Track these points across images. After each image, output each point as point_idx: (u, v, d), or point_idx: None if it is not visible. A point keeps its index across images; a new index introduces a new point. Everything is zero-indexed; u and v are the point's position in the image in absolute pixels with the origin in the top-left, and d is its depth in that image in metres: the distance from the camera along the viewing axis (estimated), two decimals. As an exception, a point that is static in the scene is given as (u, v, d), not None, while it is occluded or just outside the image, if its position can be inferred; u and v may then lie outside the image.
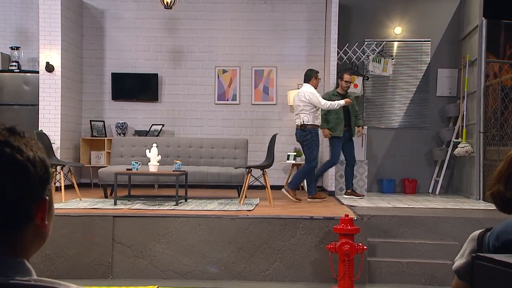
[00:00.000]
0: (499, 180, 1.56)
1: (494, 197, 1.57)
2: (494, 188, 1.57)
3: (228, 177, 6.77)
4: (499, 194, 1.55)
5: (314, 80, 6.90)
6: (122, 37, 8.99)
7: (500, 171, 1.57)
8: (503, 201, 1.55)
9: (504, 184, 1.55)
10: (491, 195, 1.58)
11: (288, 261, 5.05)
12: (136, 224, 5.12)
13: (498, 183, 1.56)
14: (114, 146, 7.39)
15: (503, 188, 1.54)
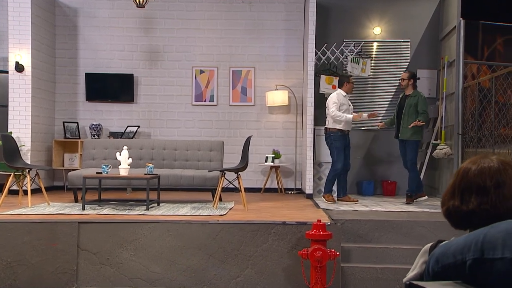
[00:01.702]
0: (454, 195, 1.44)
1: (450, 212, 1.45)
2: (450, 204, 1.45)
3: (203, 180, 6.61)
4: (455, 208, 1.43)
5: (347, 85, 7.03)
6: (96, 37, 8.78)
7: (453, 185, 1.45)
8: (458, 215, 1.43)
9: (459, 198, 1.43)
10: (446, 211, 1.46)
11: (260, 268, 4.90)
12: (103, 230, 4.93)
13: (452, 198, 1.44)
14: (86, 148, 7.19)
15: (459, 203, 1.42)
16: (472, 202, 1.40)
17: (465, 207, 1.41)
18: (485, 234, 1.03)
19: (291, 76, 8.73)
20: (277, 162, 8.47)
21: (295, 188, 8.67)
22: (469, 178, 1.44)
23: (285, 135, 8.77)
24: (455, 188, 1.45)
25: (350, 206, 6.56)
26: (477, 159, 1.46)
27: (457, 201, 1.43)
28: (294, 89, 8.69)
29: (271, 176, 8.67)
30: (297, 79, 8.70)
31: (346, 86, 7.03)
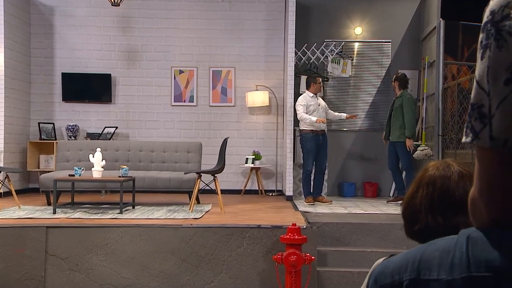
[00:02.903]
0: (433, 210, 1.30)
1: (427, 230, 1.31)
2: (426, 220, 1.31)
3: (179, 183, 6.47)
4: (438, 227, 1.29)
5: (314, 86, 7.00)
6: (73, 36, 8.60)
7: (430, 199, 1.32)
8: (434, 234, 1.29)
9: (441, 214, 1.30)
10: (420, 230, 1.32)
11: (234, 273, 4.78)
12: (72, 235, 4.78)
13: (431, 214, 1.30)
14: (60, 150, 7.01)
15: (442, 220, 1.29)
16: (458, 219, 1.27)
17: (440, 220, 1.29)
18: (423, 252, 0.92)
19: (271, 76, 8.63)
20: (258, 163, 8.36)
21: (276, 190, 8.57)
22: (451, 192, 1.31)
23: (265, 136, 8.67)
24: (433, 202, 1.32)
25: (329, 209, 6.47)
26: (445, 167, 1.34)
27: (440, 219, 1.30)
28: (274, 89, 8.59)
29: (252, 178, 8.56)
30: (278, 80, 8.60)
31: (313, 87, 7.02)
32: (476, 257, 0.81)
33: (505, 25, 0.80)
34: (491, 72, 0.81)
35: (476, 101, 0.83)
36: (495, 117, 0.80)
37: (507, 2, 0.82)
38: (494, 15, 0.83)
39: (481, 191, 0.83)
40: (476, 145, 0.82)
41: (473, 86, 0.85)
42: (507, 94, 0.79)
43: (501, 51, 0.80)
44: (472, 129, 0.82)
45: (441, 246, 0.89)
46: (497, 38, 0.81)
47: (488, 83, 0.81)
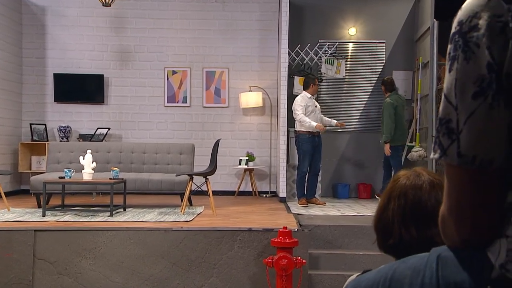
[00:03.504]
0: (405, 223, 1.24)
1: (402, 244, 1.25)
2: (399, 234, 1.25)
3: (171, 185, 6.41)
4: (412, 240, 1.22)
5: (313, 87, 6.99)
6: (65, 36, 8.53)
7: (402, 212, 1.26)
8: (408, 248, 1.24)
9: (415, 226, 1.24)
10: (394, 244, 1.27)
11: (225, 276, 4.73)
12: (61, 238, 4.72)
13: (404, 227, 1.25)
14: (51, 152, 6.95)
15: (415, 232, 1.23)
16: (432, 231, 1.20)
17: (420, 234, 1.24)
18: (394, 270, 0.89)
19: (265, 77, 8.58)
20: (251, 164, 8.31)
21: (270, 191, 8.52)
22: (423, 203, 1.26)
23: (259, 137, 8.61)
24: (405, 214, 1.26)
25: (322, 210, 6.42)
26: (415, 177, 1.29)
27: (413, 231, 1.24)
28: (268, 90, 8.54)
29: (245, 179, 8.50)
30: (272, 80, 8.55)
31: (311, 88, 6.97)
32: (446, 279, 0.78)
33: (472, 36, 0.77)
34: (459, 85, 0.77)
35: (444, 116, 0.79)
36: (463, 133, 0.76)
37: (475, 12, 0.78)
38: (462, 26, 0.79)
39: (451, 210, 0.79)
40: (444, 162, 0.79)
41: (441, 100, 0.81)
42: (475, 109, 0.75)
43: (468, 64, 0.77)
44: (440, 145, 0.78)
45: (412, 264, 0.86)
46: (465, 50, 0.77)
47: (456, 97, 0.78)
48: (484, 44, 0.76)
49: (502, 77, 0.75)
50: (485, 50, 0.76)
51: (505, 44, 0.75)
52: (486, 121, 0.75)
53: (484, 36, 0.76)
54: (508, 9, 0.76)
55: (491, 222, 0.76)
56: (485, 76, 0.76)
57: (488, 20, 0.76)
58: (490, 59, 0.75)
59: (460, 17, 0.81)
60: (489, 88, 0.75)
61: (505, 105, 0.75)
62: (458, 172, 0.77)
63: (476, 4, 0.79)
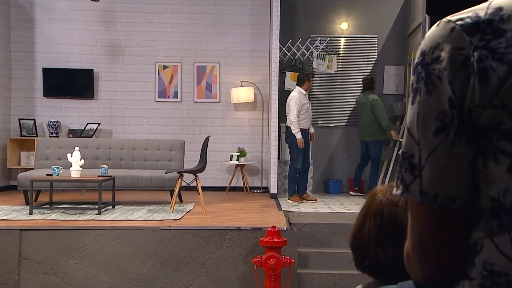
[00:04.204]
0: (381, 242, 1.20)
1: (378, 264, 1.21)
2: (376, 253, 1.21)
3: (161, 182, 6.36)
4: (388, 260, 1.18)
5: (307, 83, 6.96)
6: (54, 30, 8.42)
7: (378, 230, 1.22)
8: (384, 268, 1.20)
9: (392, 246, 1.20)
10: (370, 264, 1.22)
11: (213, 275, 4.70)
12: (47, 237, 4.67)
13: (380, 247, 1.20)
14: (39, 148, 6.87)
15: (392, 253, 1.18)
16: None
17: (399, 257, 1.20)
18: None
19: (257, 72, 8.51)
20: (243, 160, 8.26)
21: (261, 187, 8.48)
22: (399, 221, 1.21)
23: (251, 133, 8.56)
24: (382, 234, 1.21)
25: (313, 208, 6.39)
26: (392, 193, 1.24)
27: (390, 251, 1.19)
28: (260, 85, 8.47)
29: (237, 174, 8.46)
30: (263, 75, 8.48)
31: (306, 84, 6.91)
32: None
33: (435, 69, 0.73)
34: (421, 120, 0.74)
35: (407, 150, 0.76)
36: (425, 170, 0.72)
37: (437, 43, 0.74)
38: (425, 57, 0.75)
39: (414, 248, 0.75)
40: (407, 199, 0.75)
41: (404, 133, 0.77)
42: (437, 145, 0.72)
43: (430, 97, 0.73)
44: (403, 181, 0.75)
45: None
46: (427, 82, 0.74)
47: (418, 131, 0.74)
48: (446, 77, 0.73)
49: (464, 112, 0.71)
50: (446, 84, 0.72)
51: (466, 79, 0.71)
52: (448, 158, 0.72)
53: (446, 70, 0.73)
54: (470, 42, 0.72)
55: (454, 260, 0.73)
56: (447, 112, 0.72)
57: (450, 52, 0.73)
58: (451, 94, 0.72)
59: (423, 47, 0.77)
60: (451, 124, 0.72)
61: (467, 142, 0.72)
62: (421, 209, 0.74)
63: (438, 34, 0.75)
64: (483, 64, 0.70)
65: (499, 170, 0.69)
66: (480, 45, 0.71)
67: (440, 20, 0.78)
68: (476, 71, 0.70)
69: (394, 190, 0.78)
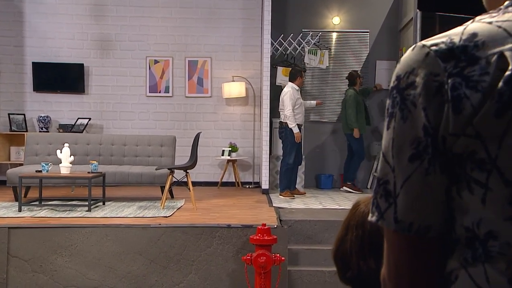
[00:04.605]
0: (364, 253, 1.19)
1: (360, 277, 1.19)
2: (358, 265, 1.19)
3: (151, 178, 6.33)
4: (370, 272, 1.17)
5: (300, 79, 7.00)
6: (43, 24, 8.33)
7: (360, 242, 1.20)
8: (363, 276, 1.18)
9: (373, 258, 1.18)
10: (352, 277, 1.21)
11: (203, 273, 4.69)
12: (36, 235, 4.64)
13: (363, 258, 1.19)
14: (28, 143, 6.81)
15: (374, 264, 1.17)
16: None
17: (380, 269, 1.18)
18: None
19: (248, 66, 8.47)
20: (234, 155, 8.24)
21: (253, 182, 8.47)
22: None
23: (242, 128, 8.54)
24: (364, 245, 1.20)
25: (304, 204, 6.38)
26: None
27: (372, 263, 1.19)
28: (252, 80, 8.44)
29: (229, 170, 8.44)
30: (255, 70, 8.45)
31: (299, 80, 6.95)
32: None
33: (409, 94, 0.71)
34: (396, 146, 0.72)
35: (382, 176, 0.74)
36: (399, 197, 0.71)
37: (412, 68, 0.72)
38: (400, 81, 0.73)
39: (390, 275, 0.74)
40: (382, 225, 0.73)
41: (380, 158, 0.76)
42: (411, 173, 0.70)
43: (405, 123, 0.71)
44: (378, 207, 0.73)
45: None
46: (402, 108, 0.72)
47: (393, 158, 0.72)
48: (421, 104, 0.71)
49: (438, 140, 0.70)
50: (421, 111, 0.71)
51: (440, 106, 0.70)
52: (423, 187, 0.70)
53: (421, 96, 0.71)
54: (444, 69, 0.70)
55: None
56: (421, 139, 0.71)
57: (425, 78, 0.71)
58: (425, 121, 0.70)
59: (398, 71, 0.76)
60: (425, 152, 0.70)
61: (441, 170, 0.70)
62: (396, 237, 0.72)
63: (413, 59, 0.73)
64: (457, 92, 0.68)
65: (473, 200, 0.67)
66: (454, 72, 0.69)
67: (415, 44, 0.76)
68: (450, 99, 0.69)
69: (369, 216, 0.76)
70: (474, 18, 0.75)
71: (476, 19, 0.74)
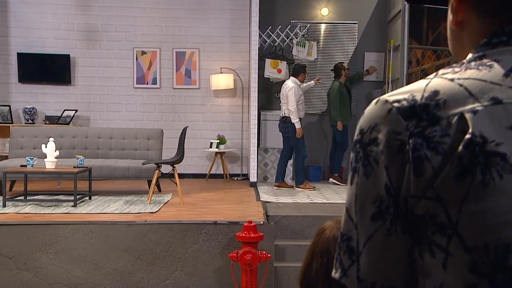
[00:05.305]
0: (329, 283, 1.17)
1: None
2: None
3: (138, 172, 6.29)
4: None
5: (303, 75, 7.11)
6: (28, 14, 8.20)
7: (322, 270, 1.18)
8: None
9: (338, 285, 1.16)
10: None
11: (190, 270, 4.68)
12: (20, 232, 4.59)
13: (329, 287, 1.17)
14: (13, 136, 6.73)
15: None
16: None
17: None
18: None
19: (236, 58, 8.41)
20: (223, 147, 8.21)
21: (241, 174, 8.45)
22: None
23: (231, 119, 8.50)
24: (329, 274, 1.18)
25: (292, 198, 6.38)
26: (338, 229, 1.20)
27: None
28: (240, 71, 8.38)
29: (217, 161, 8.41)
30: (243, 61, 8.39)
31: (302, 76, 7.09)
32: None
33: (372, 151, 0.69)
34: (359, 203, 0.70)
35: (345, 232, 0.72)
36: (362, 256, 0.69)
37: (375, 123, 0.70)
38: (363, 136, 0.71)
39: None
40: (345, 283, 0.72)
41: (343, 213, 0.74)
42: (374, 232, 0.68)
43: (368, 180, 0.69)
44: (341, 264, 0.71)
45: None
46: (365, 164, 0.69)
47: (356, 214, 0.70)
48: (383, 162, 0.68)
49: (400, 201, 0.67)
50: (383, 170, 0.68)
51: (402, 166, 0.67)
52: (385, 247, 0.68)
53: (383, 154, 0.68)
54: (406, 127, 0.67)
55: None
56: (384, 198, 0.68)
57: (387, 136, 0.68)
58: (387, 181, 0.68)
59: (361, 124, 0.73)
60: (387, 212, 0.68)
61: (403, 231, 0.68)
62: None
63: (377, 114, 0.71)
64: (418, 154, 0.66)
65: (434, 263, 0.66)
66: (416, 132, 0.67)
67: (378, 98, 0.74)
68: (411, 160, 0.66)
69: (332, 272, 0.74)
70: (437, 72, 0.73)
71: (439, 73, 0.72)
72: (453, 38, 0.79)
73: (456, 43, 0.79)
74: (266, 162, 8.01)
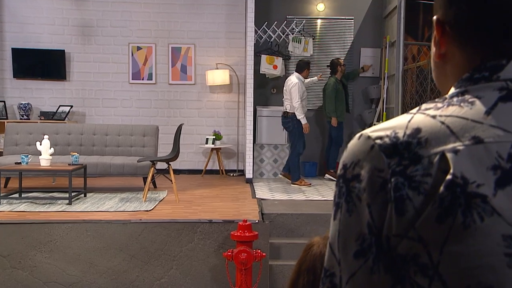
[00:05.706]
0: None
1: None
2: None
3: (133, 169, 6.29)
4: None
5: (307, 72, 7.12)
6: (23, 9, 8.15)
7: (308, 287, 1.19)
8: None
9: None
10: None
11: (185, 268, 4.69)
12: (15, 231, 4.59)
13: None
14: (8, 133, 6.71)
15: None
16: None
17: None
18: None
19: (232, 53, 8.38)
20: (218, 143, 8.20)
21: (237, 170, 8.45)
22: None
23: (227, 115, 8.49)
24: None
25: (288, 195, 6.38)
26: (325, 245, 1.20)
27: None
28: (236, 67, 8.36)
29: (213, 157, 8.41)
30: (239, 57, 8.36)
31: (306, 72, 7.09)
32: None
33: (355, 187, 0.68)
34: (341, 239, 0.69)
35: (329, 268, 0.71)
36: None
37: (358, 159, 0.69)
38: (346, 171, 0.70)
39: None
40: None
41: (327, 248, 0.73)
42: (356, 270, 0.67)
43: (351, 217, 0.68)
44: None
45: None
46: (348, 200, 0.69)
47: (339, 251, 0.69)
48: (365, 200, 0.68)
49: (382, 240, 0.67)
50: (365, 208, 0.67)
51: (384, 205, 0.66)
52: (367, 285, 0.68)
53: (365, 191, 0.68)
54: (388, 165, 0.66)
55: None
56: (366, 236, 0.68)
57: (369, 172, 0.67)
58: (370, 219, 0.67)
59: (344, 159, 0.72)
60: (370, 251, 0.67)
61: (386, 270, 0.67)
62: None
63: (360, 149, 0.70)
64: (400, 193, 0.65)
65: None
66: (397, 171, 0.65)
67: (361, 133, 0.72)
68: (393, 200, 0.65)
69: None
70: (420, 106, 0.72)
71: (422, 107, 0.71)
72: (436, 70, 0.78)
73: (439, 75, 0.78)
74: (262, 158, 8.01)
